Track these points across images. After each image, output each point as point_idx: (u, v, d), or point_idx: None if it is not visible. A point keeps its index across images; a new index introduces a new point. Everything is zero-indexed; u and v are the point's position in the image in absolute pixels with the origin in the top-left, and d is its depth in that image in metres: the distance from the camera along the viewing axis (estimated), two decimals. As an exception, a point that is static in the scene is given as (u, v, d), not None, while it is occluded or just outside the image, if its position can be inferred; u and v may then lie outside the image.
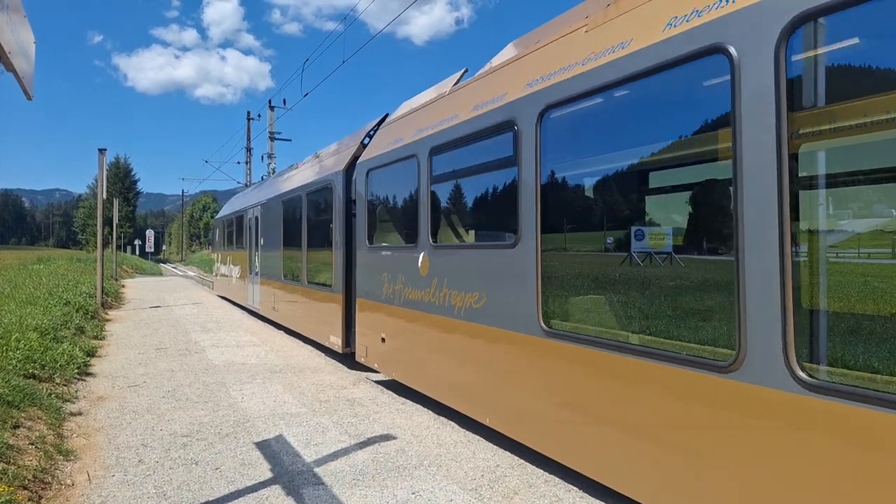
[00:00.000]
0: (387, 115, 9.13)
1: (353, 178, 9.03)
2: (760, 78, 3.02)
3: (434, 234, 6.57)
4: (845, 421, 2.65)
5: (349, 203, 9.24)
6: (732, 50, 3.15)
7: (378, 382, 8.22)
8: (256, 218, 15.68)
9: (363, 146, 9.26)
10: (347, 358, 9.59)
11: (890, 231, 3.16)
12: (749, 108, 3.08)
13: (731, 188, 3.19)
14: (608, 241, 4.69)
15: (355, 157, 9.28)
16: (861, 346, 2.97)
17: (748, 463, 3.08)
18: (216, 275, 23.78)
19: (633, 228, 4.42)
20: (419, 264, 6.71)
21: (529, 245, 4.92)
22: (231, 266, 19.71)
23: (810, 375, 2.83)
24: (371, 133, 9.33)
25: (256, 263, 15.69)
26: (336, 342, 9.64)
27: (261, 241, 15.17)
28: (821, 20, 2.85)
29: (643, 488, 3.86)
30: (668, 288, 4.19)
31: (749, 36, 3.08)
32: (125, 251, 60.32)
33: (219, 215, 24.17)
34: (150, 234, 53.23)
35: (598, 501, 4.42)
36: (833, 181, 3.13)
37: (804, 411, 2.80)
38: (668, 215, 4.45)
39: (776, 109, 2.94)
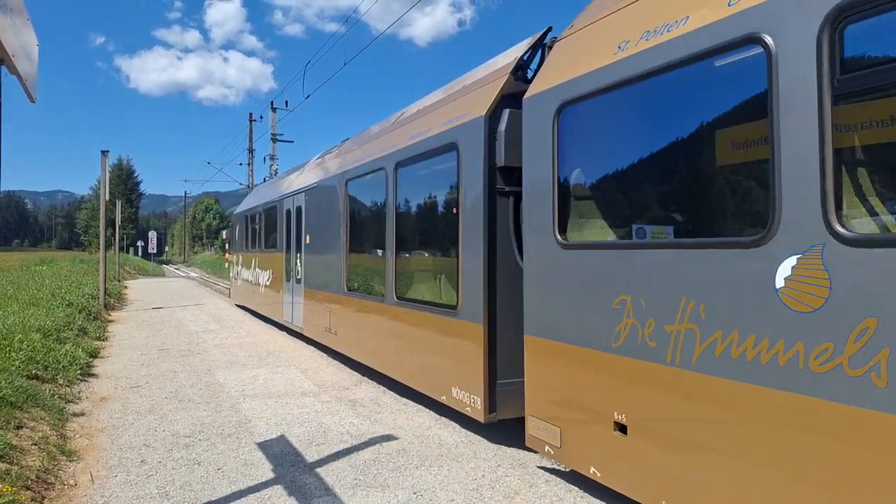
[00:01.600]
0: (549, 29, 5.83)
1: (503, 129, 5.63)
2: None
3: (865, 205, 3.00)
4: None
5: (493, 173, 5.71)
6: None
7: (380, 383, 8.23)
8: (299, 209, 12.00)
9: (514, 79, 5.83)
10: (497, 433, 6.00)
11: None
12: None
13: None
14: None
15: (504, 97, 5.77)
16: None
17: None
18: (235, 280, 19.63)
19: None
20: (780, 282, 3.10)
21: None
22: (257, 271, 15.84)
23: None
24: (525, 57, 5.91)
25: (298, 268, 12.01)
26: (471, 403, 5.78)
27: (306, 240, 11.51)
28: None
29: None
30: None
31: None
32: (127, 252, 60.46)
33: (240, 209, 19.79)
34: (152, 235, 53.28)
35: (598, 502, 4.43)
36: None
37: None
38: None
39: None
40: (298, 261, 12.07)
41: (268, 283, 14.74)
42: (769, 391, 3.11)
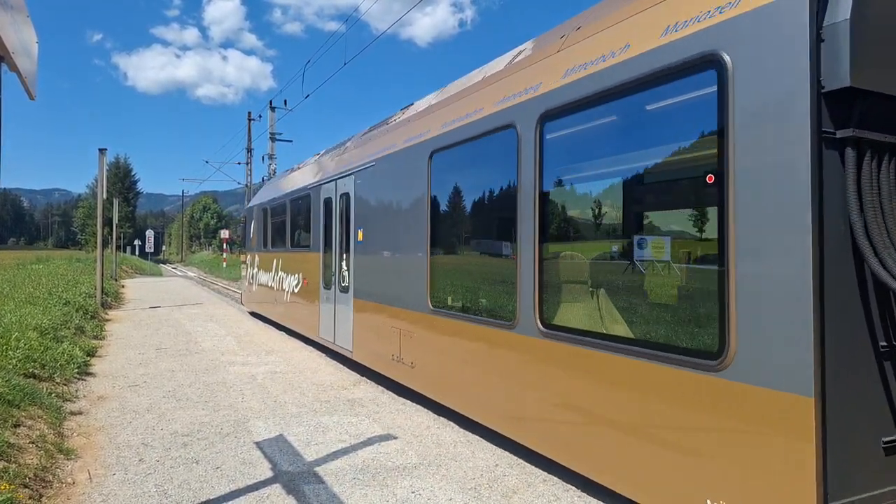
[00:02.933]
0: None
1: (844, 17, 3.00)
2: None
3: None
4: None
5: (818, 104, 3.10)
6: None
7: (378, 383, 8.23)
8: (346, 196, 9.48)
9: None
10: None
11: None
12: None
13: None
14: None
15: None
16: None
17: None
18: (250, 285, 16.86)
19: None
20: None
21: None
22: (281, 275, 13.30)
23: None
24: None
25: (345, 273, 9.50)
26: None
27: (357, 236, 9.04)
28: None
29: None
30: None
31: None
32: (125, 251, 60.35)
33: (256, 200, 16.78)
34: (149, 234, 53.28)
35: (596, 501, 4.44)
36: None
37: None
38: None
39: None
40: (345, 263, 9.55)
41: (295, 290, 12.15)
42: None
